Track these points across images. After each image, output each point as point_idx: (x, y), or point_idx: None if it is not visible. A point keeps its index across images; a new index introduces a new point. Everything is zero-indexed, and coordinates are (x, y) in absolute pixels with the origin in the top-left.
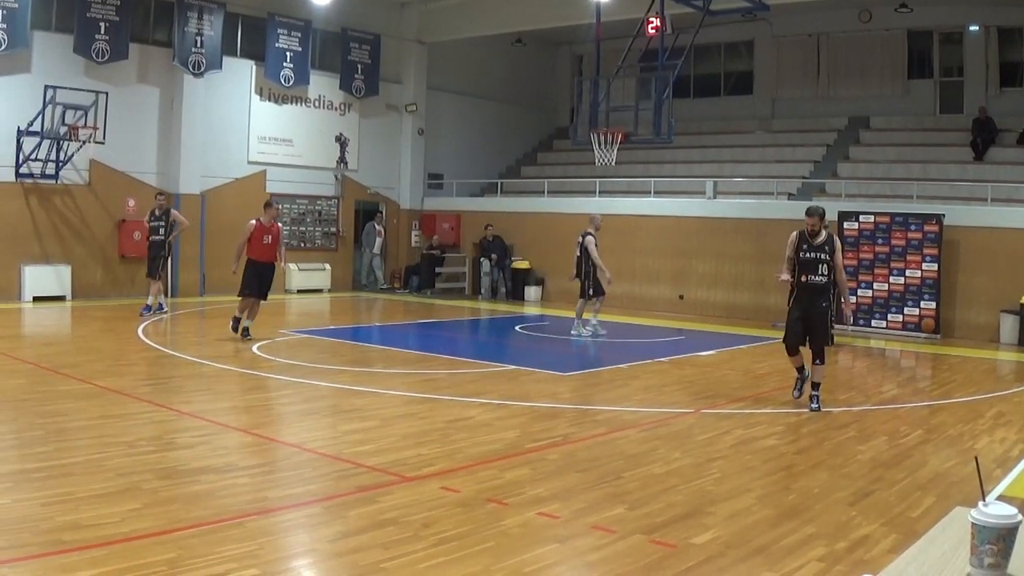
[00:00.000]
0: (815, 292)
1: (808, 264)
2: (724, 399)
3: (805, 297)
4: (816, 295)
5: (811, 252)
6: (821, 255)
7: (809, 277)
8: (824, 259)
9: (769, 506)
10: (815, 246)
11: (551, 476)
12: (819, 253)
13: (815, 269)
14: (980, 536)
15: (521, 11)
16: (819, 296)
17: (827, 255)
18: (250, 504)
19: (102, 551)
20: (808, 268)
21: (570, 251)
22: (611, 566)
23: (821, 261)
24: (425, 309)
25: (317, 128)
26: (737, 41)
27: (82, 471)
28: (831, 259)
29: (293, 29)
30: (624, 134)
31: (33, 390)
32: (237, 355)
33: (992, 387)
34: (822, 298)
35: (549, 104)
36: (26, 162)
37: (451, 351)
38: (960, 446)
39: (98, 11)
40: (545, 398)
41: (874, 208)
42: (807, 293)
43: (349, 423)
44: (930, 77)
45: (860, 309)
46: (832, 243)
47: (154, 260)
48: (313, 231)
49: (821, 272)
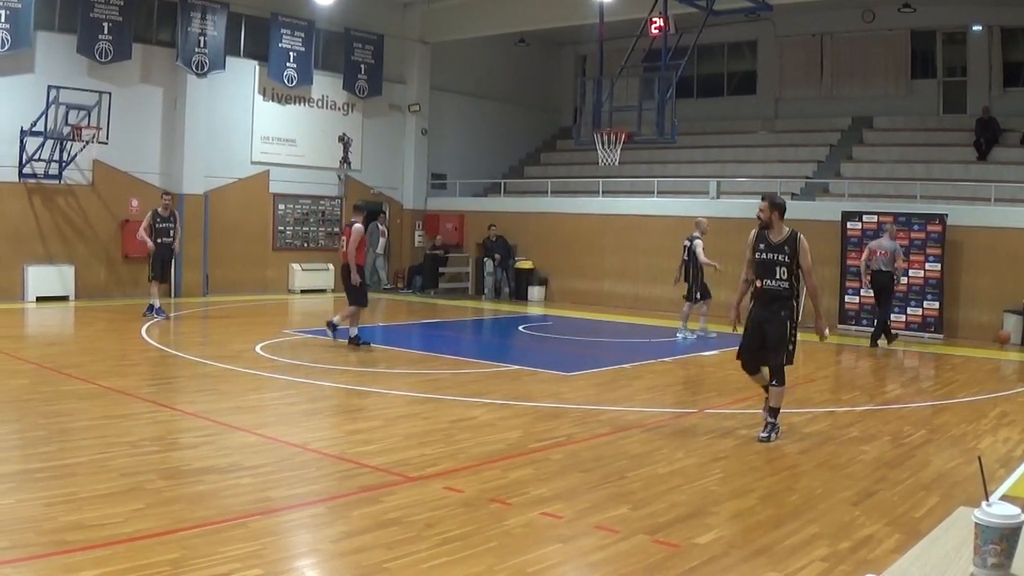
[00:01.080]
0: (771, 300)
1: (764, 266)
2: (727, 399)
3: (760, 305)
4: (773, 303)
5: (768, 252)
6: (779, 256)
7: (765, 282)
8: (783, 261)
9: (772, 506)
10: (773, 245)
11: (554, 476)
12: (777, 254)
13: (772, 272)
14: (983, 536)
15: (524, 11)
16: (777, 305)
17: (786, 256)
18: (254, 504)
19: (105, 551)
20: (764, 271)
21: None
22: (614, 566)
23: (779, 263)
24: (428, 309)
25: (320, 128)
26: (740, 41)
27: (85, 471)
28: (792, 261)
29: (296, 29)
30: (627, 134)
31: (36, 390)
32: (240, 355)
33: (995, 387)
34: (781, 307)
35: (552, 104)
36: (29, 162)
37: (454, 351)
38: (963, 446)
39: (101, 11)
40: (548, 398)
41: (877, 208)
42: (763, 301)
43: (352, 423)
44: (933, 77)
45: (863, 309)
46: (795, 243)
47: (165, 263)
48: (316, 231)
49: (779, 276)
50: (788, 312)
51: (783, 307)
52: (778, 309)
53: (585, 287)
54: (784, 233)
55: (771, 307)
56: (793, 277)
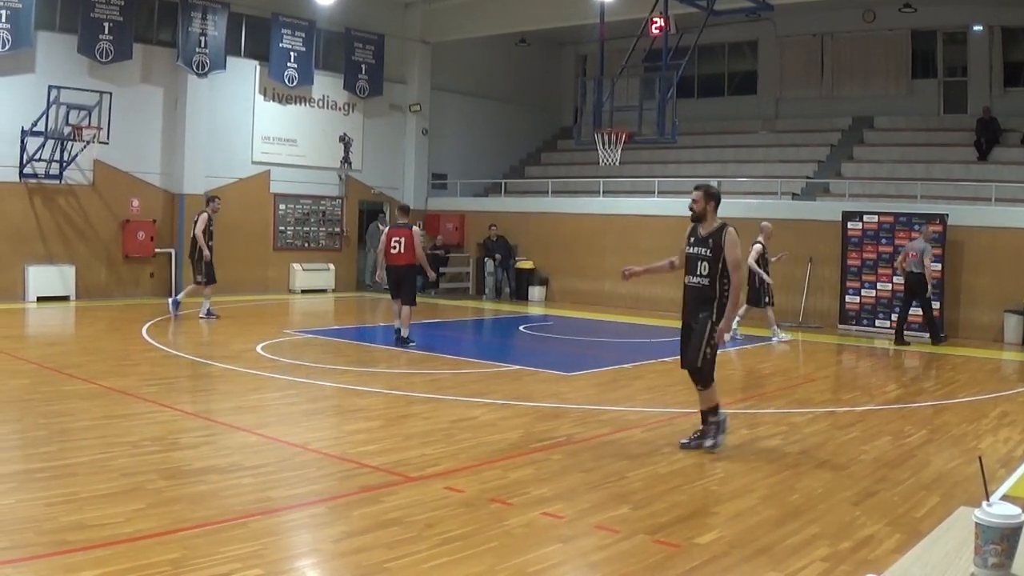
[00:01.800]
0: (693, 299)
1: (689, 261)
2: (728, 399)
3: (686, 304)
4: (694, 302)
5: (694, 247)
6: (702, 251)
7: (688, 278)
8: (705, 255)
9: (773, 506)
10: (700, 238)
11: (555, 476)
12: (701, 248)
13: (694, 268)
14: (984, 536)
15: (525, 11)
16: (698, 304)
17: (708, 251)
18: (254, 504)
19: (106, 551)
20: (688, 266)
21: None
22: (615, 566)
23: (701, 258)
24: (429, 309)
25: (321, 128)
26: (741, 41)
27: (86, 471)
28: (715, 257)
29: (297, 29)
30: (628, 134)
31: (37, 390)
32: (241, 355)
33: (996, 387)
34: (702, 307)
35: (553, 104)
36: (30, 162)
37: (455, 351)
38: (964, 446)
39: (102, 11)
40: (549, 398)
41: (878, 208)
42: (686, 299)
43: (353, 423)
44: (934, 77)
45: (863, 309)
46: (721, 237)
47: (211, 265)
48: (317, 231)
49: (700, 272)
50: (709, 314)
51: (704, 308)
52: (700, 310)
53: (586, 287)
54: (713, 226)
55: (693, 307)
56: (718, 275)
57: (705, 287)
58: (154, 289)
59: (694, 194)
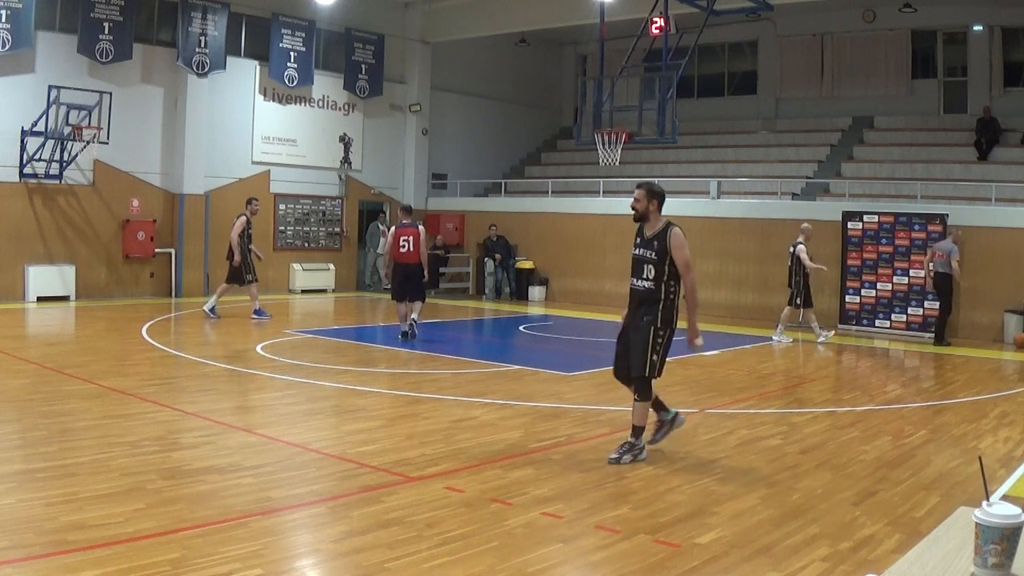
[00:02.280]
0: (638, 303)
1: (634, 263)
2: (728, 399)
3: (629, 308)
4: (639, 307)
5: (639, 248)
6: (647, 253)
7: (632, 281)
8: (650, 258)
9: (773, 506)
10: (645, 240)
11: (555, 476)
12: (646, 250)
13: (639, 271)
14: (984, 536)
15: (525, 11)
16: (643, 309)
17: (653, 252)
18: (254, 504)
19: (106, 551)
20: (633, 269)
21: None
22: (615, 566)
23: (646, 260)
24: (429, 309)
25: (321, 128)
26: (741, 41)
27: (86, 471)
28: (661, 259)
29: (297, 29)
30: (628, 134)
31: (37, 390)
32: (241, 355)
33: (996, 387)
34: (646, 312)
35: (553, 104)
36: (30, 162)
37: (455, 351)
38: (964, 446)
39: (102, 11)
40: (549, 398)
41: (878, 208)
42: (630, 303)
43: (353, 423)
44: (934, 77)
45: (864, 309)
46: (666, 238)
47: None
48: (317, 231)
49: (646, 275)
50: (652, 318)
51: (648, 312)
52: (643, 314)
53: (586, 287)
54: (658, 227)
55: (637, 311)
56: (664, 277)
57: (651, 290)
58: (154, 289)
59: (636, 192)
